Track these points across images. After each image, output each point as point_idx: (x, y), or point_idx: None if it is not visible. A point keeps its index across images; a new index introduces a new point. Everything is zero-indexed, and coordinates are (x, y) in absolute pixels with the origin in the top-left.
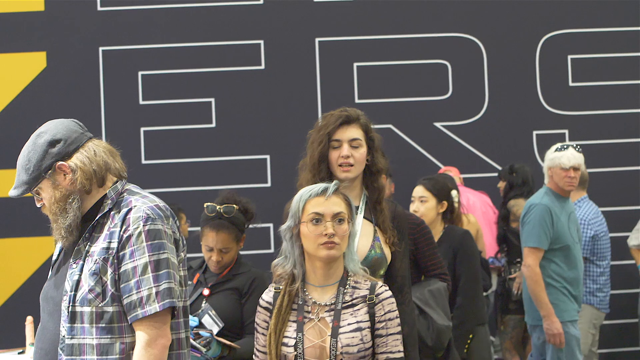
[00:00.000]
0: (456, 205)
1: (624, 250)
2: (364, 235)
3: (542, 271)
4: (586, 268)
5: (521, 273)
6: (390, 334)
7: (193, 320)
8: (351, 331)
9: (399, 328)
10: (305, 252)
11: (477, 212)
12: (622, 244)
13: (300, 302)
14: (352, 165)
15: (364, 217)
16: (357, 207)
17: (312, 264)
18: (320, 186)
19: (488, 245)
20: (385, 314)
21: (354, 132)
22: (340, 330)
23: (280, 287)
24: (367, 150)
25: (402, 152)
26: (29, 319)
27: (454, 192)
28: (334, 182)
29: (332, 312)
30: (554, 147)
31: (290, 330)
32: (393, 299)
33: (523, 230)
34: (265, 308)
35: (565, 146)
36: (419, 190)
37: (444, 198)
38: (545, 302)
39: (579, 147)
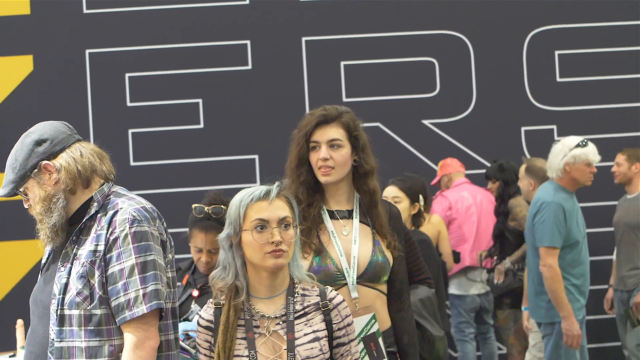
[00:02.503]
0: (422, 208)
1: (604, 246)
2: (363, 240)
3: None
4: None
5: (503, 265)
6: (352, 340)
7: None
8: (309, 342)
9: (355, 333)
10: (248, 262)
11: (484, 211)
12: (602, 240)
13: (247, 317)
14: (332, 168)
15: (360, 222)
16: (351, 211)
17: (257, 274)
18: (261, 189)
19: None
20: (343, 319)
21: (333, 132)
22: (297, 342)
23: (221, 302)
24: (352, 150)
25: (390, 150)
26: (20, 322)
27: (420, 196)
28: (277, 183)
29: (284, 324)
30: (572, 143)
31: (241, 348)
32: (346, 303)
33: (536, 229)
34: (206, 327)
35: (584, 142)
36: (392, 191)
37: (416, 199)
38: (565, 302)
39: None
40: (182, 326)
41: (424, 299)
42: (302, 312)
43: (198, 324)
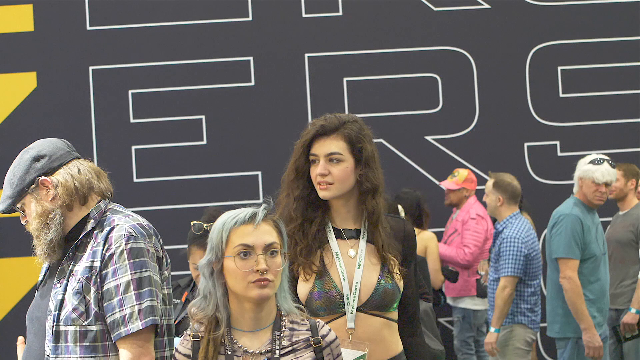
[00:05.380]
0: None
1: None
2: (370, 264)
3: None
4: (518, 288)
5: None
6: None
7: None
8: None
9: None
10: (230, 292)
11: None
12: None
13: (229, 352)
14: (331, 184)
15: (367, 242)
16: (359, 231)
17: (241, 305)
18: (246, 212)
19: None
20: (335, 358)
21: (332, 145)
22: None
23: (200, 334)
24: (356, 164)
25: (393, 166)
26: (20, 339)
27: (399, 207)
28: (263, 205)
29: None
30: (588, 158)
31: None
32: (338, 341)
33: (553, 241)
34: None
35: (600, 160)
36: None
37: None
38: (585, 314)
39: (612, 162)
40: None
41: (421, 312)
42: (289, 348)
43: (174, 358)
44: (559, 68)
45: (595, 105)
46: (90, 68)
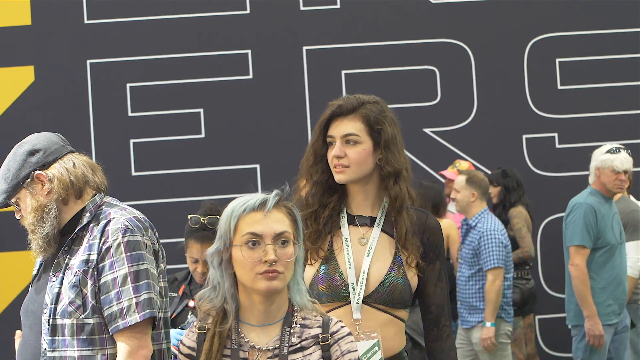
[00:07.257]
0: None
1: None
2: (380, 254)
3: None
4: None
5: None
6: None
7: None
8: None
9: None
10: (239, 283)
11: None
12: None
13: (235, 346)
14: (347, 167)
15: (382, 231)
16: (375, 219)
17: (249, 297)
18: (257, 198)
19: None
20: (343, 355)
21: (349, 126)
22: None
23: (207, 327)
24: (375, 147)
25: None
26: (18, 333)
27: None
28: (275, 192)
29: (277, 359)
30: (604, 149)
31: None
32: (352, 337)
33: (567, 230)
34: (187, 355)
35: (617, 149)
36: None
37: None
38: (589, 302)
39: (629, 150)
40: (176, 334)
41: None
42: (298, 345)
43: (179, 351)
44: (557, 60)
45: (593, 97)
46: (88, 62)
